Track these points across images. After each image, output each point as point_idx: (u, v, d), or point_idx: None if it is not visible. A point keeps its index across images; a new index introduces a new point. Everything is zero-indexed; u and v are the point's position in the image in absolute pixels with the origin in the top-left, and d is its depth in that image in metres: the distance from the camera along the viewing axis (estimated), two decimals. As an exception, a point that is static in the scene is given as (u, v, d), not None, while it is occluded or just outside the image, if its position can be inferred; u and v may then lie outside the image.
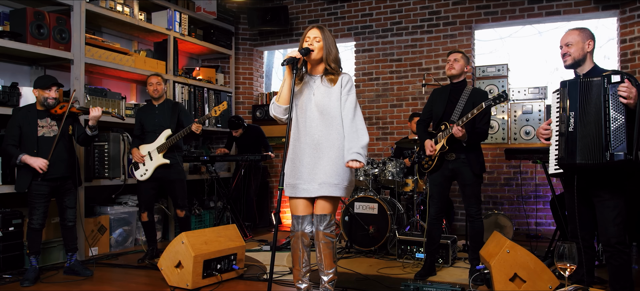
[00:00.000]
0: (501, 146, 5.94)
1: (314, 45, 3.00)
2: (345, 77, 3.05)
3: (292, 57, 2.92)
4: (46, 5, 4.72)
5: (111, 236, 5.20)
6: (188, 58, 7.12)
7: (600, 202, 2.85)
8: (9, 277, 4.03)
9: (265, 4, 7.06)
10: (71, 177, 4.10)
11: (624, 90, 2.61)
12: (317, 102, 3.01)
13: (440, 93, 3.99)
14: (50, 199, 4.05)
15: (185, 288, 3.65)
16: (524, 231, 5.74)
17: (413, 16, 6.55)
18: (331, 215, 3.04)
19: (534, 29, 6.73)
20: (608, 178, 2.80)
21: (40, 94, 3.96)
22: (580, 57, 2.96)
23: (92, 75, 5.51)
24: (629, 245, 2.87)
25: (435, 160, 3.88)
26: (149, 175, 4.61)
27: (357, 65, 6.88)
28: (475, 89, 3.89)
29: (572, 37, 2.98)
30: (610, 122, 2.66)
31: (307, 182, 3.00)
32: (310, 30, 3.05)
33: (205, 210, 6.28)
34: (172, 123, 4.67)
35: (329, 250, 3.04)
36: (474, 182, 3.81)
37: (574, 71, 3.03)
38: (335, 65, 3.04)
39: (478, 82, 6.14)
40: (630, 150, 2.62)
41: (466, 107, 3.78)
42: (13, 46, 4.26)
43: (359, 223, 4.89)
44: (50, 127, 4.01)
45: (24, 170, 3.93)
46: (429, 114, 4.04)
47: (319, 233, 3.02)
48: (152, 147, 4.64)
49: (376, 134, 6.74)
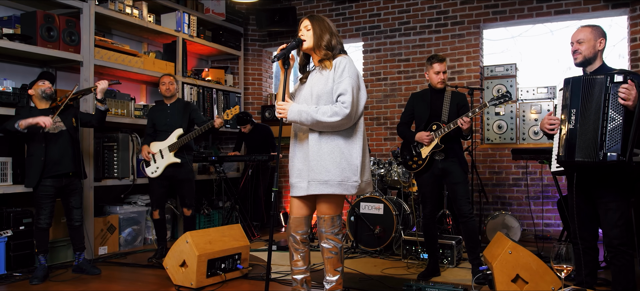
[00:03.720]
0: (509, 146, 5.90)
1: (305, 35, 2.88)
2: (338, 60, 2.82)
3: (282, 52, 2.81)
4: (56, 8, 4.81)
5: (120, 236, 5.28)
6: (197, 59, 7.18)
7: (602, 203, 2.82)
8: (19, 275, 4.12)
9: (273, 5, 7.10)
10: (77, 174, 4.17)
11: (624, 92, 2.59)
12: (315, 93, 2.83)
13: (421, 97, 4.09)
14: (56, 199, 4.12)
15: (189, 287, 3.69)
16: (532, 232, 5.69)
17: (421, 16, 6.54)
18: (332, 217, 2.83)
19: (545, 28, 6.65)
20: (610, 179, 2.78)
21: (36, 90, 4.09)
22: (590, 55, 2.92)
23: (102, 76, 5.58)
24: (632, 246, 2.84)
25: (426, 161, 3.90)
26: (159, 173, 4.67)
27: (365, 66, 6.89)
28: (454, 91, 4.04)
29: (583, 34, 2.93)
30: (608, 121, 2.64)
31: (300, 179, 2.85)
32: (303, 21, 2.93)
33: (214, 209, 6.34)
34: (184, 122, 4.73)
35: (332, 255, 2.85)
36: (464, 179, 3.88)
37: (583, 69, 3.00)
38: (327, 50, 2.84)
39: (486, 81, 6.12)
40: (624, 152, 2.60)
41: (451, 107, 3.92)
42: (24, 48, 4.35)
43: (365, 223, 4.90)
44: (54, 123, 4.07)
45: (33, 167, 3.99)
46: (409, 117, 4.15)
47: (321, 235, 2.88)
48: (163, 145, 4.70)
49: (384, 134, 6.74)
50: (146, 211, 5.57)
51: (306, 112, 2.72)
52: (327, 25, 2.88)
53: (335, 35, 2.89)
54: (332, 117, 2.69)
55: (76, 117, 4.22)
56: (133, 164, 5.33)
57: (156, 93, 6.32)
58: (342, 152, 2.78)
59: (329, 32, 2.87)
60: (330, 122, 2.69)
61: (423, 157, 3.92)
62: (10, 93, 4.27)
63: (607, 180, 2.79)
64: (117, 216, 5.24)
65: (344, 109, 2.70)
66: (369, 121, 6.83)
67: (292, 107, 2.75)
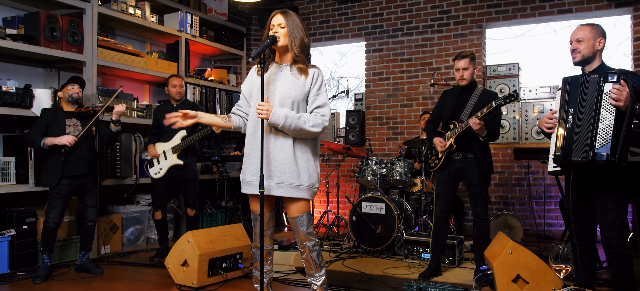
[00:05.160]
0: (512, 146, 5.89)
1: (279, 32, 2.77)
2: (315, 71, 2.82)
3: (257, 50, 2.68)
4: (59, 9, 4.83)
5: (123, 235, 5.30)
6: (200, 59, 7.20)
7: (600, 204, 2.81)
8: (22, 274, 4.15)
9: (276, 4, 7.11)
10: (92, 175, 4.21)
11: (615, 92, 2.57)
12: (280, 92, 2.77)
13: (451, 94, 4.00)
14: (70, 198, 4.17)
15: (191, 287, 3.71)
16: (534, 232, 5.68)
17: (423, 15, 6.53)
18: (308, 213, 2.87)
19: (549, 27, 6.64)
20: (606, 179, 2.77)
21: (64, 92, 4.17)
22: (589, 54, 2.90)
23: (105, 76, 5.63)
24: (630, 246, 2.83)
25: (441, 159, 3.89)
26: (162, 174, 4.69)
27: (368, 65, 6.89)
28: (485, 90, 3.88)
29: (583, 33, 2.91)
30: (599, 121, 2.63)
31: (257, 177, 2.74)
32: (274, 16, 2.81)
33: (217, 209, 6.36)
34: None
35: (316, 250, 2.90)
36: (481, 181, 3.80)
37: (582, 68, 2.98)
38: (300, 52, 2.79)
39: (489, 81, 6.11)
40: (614, 152, 2.58)
41: (476, 107, 3.78)
42: (27, 49, 4.38)
43: (367, 223, 4.90)
44: (75, 126, 4.15)
45: (52, 167, 4.04)
46: (438, 114, 4.06)
47: (301, 235, 2.86)
48: (167, 147, 4.72)
49: (386, 134, 6.74)
50: (149, 210, 5.59)
51: (291, 118, 2.69)
52: (298, 23, 2.82)
53: (306, 34, 2.86)
54: (314, 127, 2.75)
55: (97, 126, 4.27)
56: (136, 164, 5.35)
57: (159, 93, 6.35)
58: (311, 158, 2.85)
59: (302, 32, 2.82)
60: (310, 131, 2.75)
61: (439, 156, 3.92)
62: (13, 93, 4.30)
63: (603, 181, 2.78)
64: (120, 215, 5.26)
65: (325, 122, 2.80)
66: (371, 121, 6.83)
67: (278, 111, 2.68)
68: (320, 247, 2.93)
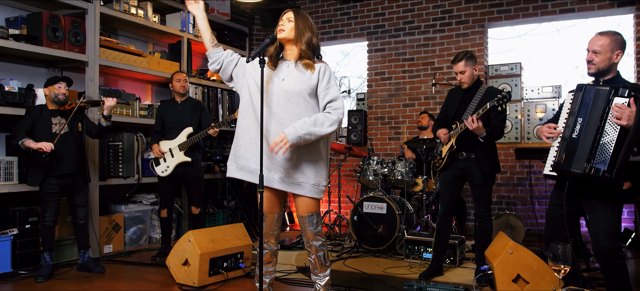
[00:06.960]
0: (514, 145, 5.88)
1: (286, 25, 2.76)
2: (322, 65, 2.77)
3: (256, 51, 2.62)
4: (62, 9, 4.85)
5: (125, 234, 5.32)
6: (202, 59, 7.21)
7: (593, 211, 2.77)
8: (25, 273, 4.17)
9: (278, 4, 7.12)
10: (81, 174, 4.21)
11: (616, 111, 2.55)
12: (285, 88, 2.73)
13: (455, 93, 3.97)
14: (61, 198, 4.17)
15: (192, 286, 3.72)
16: (536, 232, 5.67)
17: (425, 15, 6.53)
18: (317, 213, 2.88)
19: (552, 27, 6.62)
20: (603, 188, 2.72)
21: (50, 91, 4.12)
22: (605, 67, 2.78)
23: (108, 76, 5.64)
24: (620, 253, 2.77)
25: (445, 159, 3.88)
26: (170, 172, 4.70)
27: (370, 65, 6.89)
28: (490, 88, 3.82)
29: (600, 44, 2.76)
30: (602, 135, 2.59)
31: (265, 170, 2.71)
32: (286, 12, 2.81)
33: (219, 208, 6.37)
34: (194, 121, 4.75)
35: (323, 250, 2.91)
36: (483, 182, 3.76)
37: (596, 79, 2.87)
38: (307, 48, 2.76)
39: (491, 81, 6.10)
40: (611, 169, 2.54)
41: (479, 106, 3.73)
42: (29, 49, 4.40)
43: (368, 222, 4.90)
44: (61, 124, 4.13)
45: (36, 167, 4.05)
46: (445, 114, 4.03)
47: (308, 233, 2.87)
48: (173, 144, 4.72)
49: (388, 134, 6.74)
50: (151, 210, 5.61)
51: (305, 131, 2.62)
52: (310, 24, 2.81)
53: (316, 35, 2.84)
54: (332, 125, 2.69)
55: (82, 123, 4.27)
56: (138, 163, 5.37)
57: (161, 93, 6.36)
58: (319, 155, 2.82)
59: (311, 31, 2.80)
60: (328, 132, 2.69)
61: (443, 156, 3.91)
62: (16, 94, 4.32)
63: (598, 189, 2.74)
64: (122, 215, 5.28)
65: (340, 115, 2.73)
66: (373, 120, 6.83)
67: (289, 132, 2.60)
68: (327, 247, 2.93)
